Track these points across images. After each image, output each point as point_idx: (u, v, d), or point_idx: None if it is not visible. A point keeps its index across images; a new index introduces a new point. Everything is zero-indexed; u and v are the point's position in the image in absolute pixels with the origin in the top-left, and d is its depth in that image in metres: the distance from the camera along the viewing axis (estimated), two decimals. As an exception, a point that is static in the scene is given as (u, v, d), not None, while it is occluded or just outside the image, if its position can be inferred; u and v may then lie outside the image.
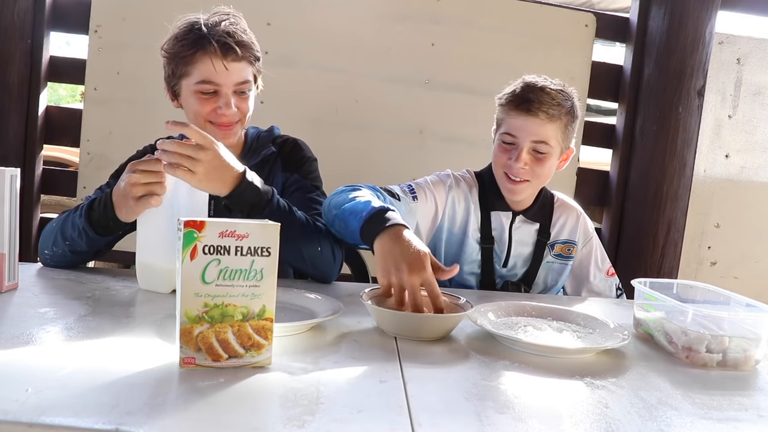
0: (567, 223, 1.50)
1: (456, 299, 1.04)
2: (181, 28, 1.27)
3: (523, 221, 1.46)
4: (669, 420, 0.71)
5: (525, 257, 1.47)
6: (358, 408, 0.66)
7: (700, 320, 0.95)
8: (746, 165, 2.40)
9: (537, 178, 1.38)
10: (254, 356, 0.75)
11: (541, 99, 1.32)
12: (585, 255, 1.53)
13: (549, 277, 1.49)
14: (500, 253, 1.46)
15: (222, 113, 1.27)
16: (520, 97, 1.35)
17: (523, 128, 1.34)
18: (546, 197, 1.50)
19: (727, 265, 2.43)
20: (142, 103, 2.13)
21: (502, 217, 1.46)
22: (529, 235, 1.47)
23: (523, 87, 1.36)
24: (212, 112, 1.27)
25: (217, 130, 1.28)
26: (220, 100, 1.27)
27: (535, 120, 1.33)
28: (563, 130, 1.36)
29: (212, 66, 1.23)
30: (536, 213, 1.47)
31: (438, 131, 2.26)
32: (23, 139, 2.11)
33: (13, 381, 0.65)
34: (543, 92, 1.33)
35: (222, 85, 1.26)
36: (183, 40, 1.25)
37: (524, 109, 1.33)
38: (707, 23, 2.17)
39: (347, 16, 2.17)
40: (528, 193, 1.42)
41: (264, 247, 0.74)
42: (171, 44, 1.27)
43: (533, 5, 2.26)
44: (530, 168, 1.36)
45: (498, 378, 0.80)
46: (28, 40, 2.06)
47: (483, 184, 1.47)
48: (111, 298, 1.03)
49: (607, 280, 1.53)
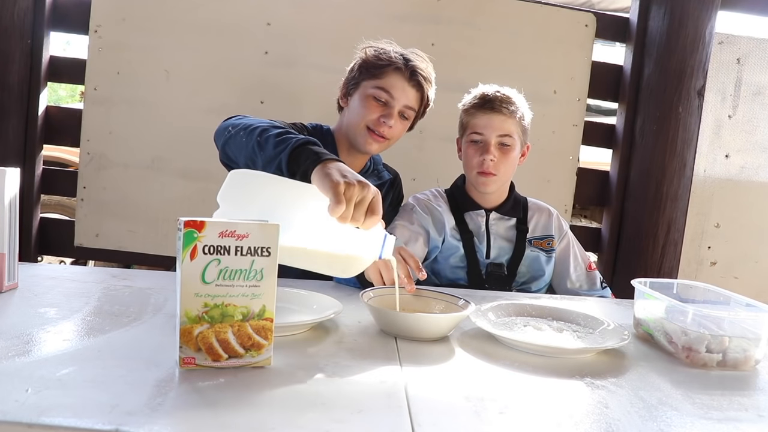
0: (541, 220, 1.63)
1: (456, 299, 1.04)
2: (381, 48, 1.47)
3: (499, 218, 1.57)
4: (669, 420, 0.71)
5: (506, 248, 1.56)
6: (358, 408, 0.66)
7: (700, 320, 0.95)
8: (746, 165, 2.40)
9: (505, 170, 1.52)
10: (254, 356, 0.75)
11: (500, 99, 1.51)
12: (563, 249, 1.61)
13: (534, 267, 1.56)
14: (481, 246, 1.54)
15: (383, 122, 1.43)
16: (482, 99, 1.52)
17: (489, 125, 1.50)
18: (518, 197, 1.62)
19: (727, 265, 2.43)
20: (142, 103, 2.13)
21: (476, 217, 1.57)
22: (507, 228, 1.57)
23: (482, 92, 1.54)
24: (376, 120, 1.44)
25: (369, 137, 1.45)
26: (386, 111, 1.44)
27: (499, 116, 1.49)
28: (520, 125, 1.53)
29: (395, 81, 1.44)
30: (510, 209, 1.58)
31: (438, 131, 2.25)
32: (23, 139, 2.11)
33: (13, 381, 0.65)
34: (498, 94, 1.52)
35: (395, 99, 1.44)
36: (382, 54, 1.45)
37: (489, 108, 1.50)
38: (707, 23, 2.17)
39: (347, 16, 2.17)
40: (497, 186, 1.55)
41: (264, 247, 0.74)
42: (371, 52, 1.47)
43: (533, 5, 2.25)
44: (497, 161, 1.50)
45: (498, 378, 0.80)
46: (28, 40, 2.06)
47: (452, 194, 1.62)
48: (111, 298, 1.03)
49: (588, 274, 1.61)
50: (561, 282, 1.61)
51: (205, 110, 2.12)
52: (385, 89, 1.43)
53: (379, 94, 1.44)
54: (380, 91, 1.44)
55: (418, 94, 1.47)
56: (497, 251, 1.55)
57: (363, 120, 1.45)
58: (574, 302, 1.33)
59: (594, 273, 1.61)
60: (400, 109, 1.45)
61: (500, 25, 2.24)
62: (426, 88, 1.48)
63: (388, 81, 1.44)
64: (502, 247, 1.55)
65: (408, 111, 1.48)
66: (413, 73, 1.44)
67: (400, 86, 1.44)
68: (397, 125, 1.47)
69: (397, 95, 1.44)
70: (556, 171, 2.29)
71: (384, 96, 1.44)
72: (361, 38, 1.47)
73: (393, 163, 1.68)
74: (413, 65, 1.45)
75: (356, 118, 1.46)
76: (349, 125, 1.49)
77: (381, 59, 1.44)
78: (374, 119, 1.44)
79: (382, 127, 1.44)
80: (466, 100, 1.58)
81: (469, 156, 1.53)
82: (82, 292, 1.04)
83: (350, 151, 1.53)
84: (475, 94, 1.56)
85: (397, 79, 1.44)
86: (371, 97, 1.44)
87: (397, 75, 1.44)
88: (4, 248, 0.99)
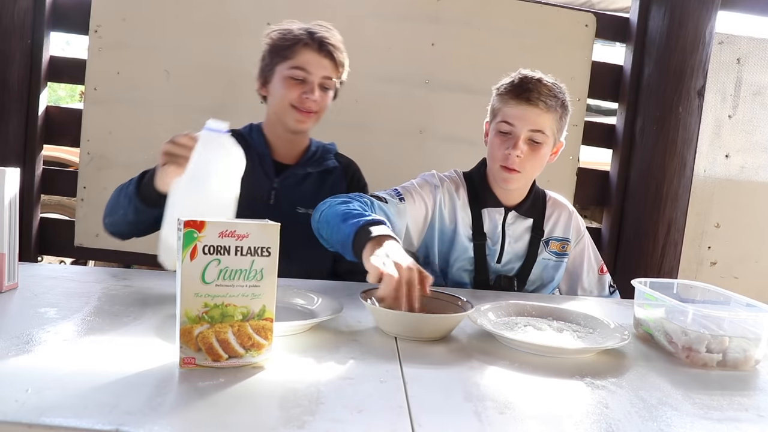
0: (560, 220, 1.52)
1: (456, 299, 1.04)
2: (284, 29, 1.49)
3: (516, 217, 1.48)
4: (669, 420, 0.71)
5: (519, 253, 1.48)
6: (358, 408, 0.66)
7: (700, 320, 0.95)
8: (746, 165, 2.40)
9: (531, 168, 1.41)
10: (254, 356, 0.75)
11: (539, 90, 1.36)
12: (578, 253, 1.54)
13: (544, 274, 1.50)
14: (494, 249, 1.46)
15: (306, 97, 1.44)
16: (519, 87, 1.38)
17: (521, 117, 1.37)
18: (538, 193, 1.52)
19: (727, 265, 2.43)
20: (142, 103, 2.12)
21: (495, 214, 1.47)
22: (522, 230, 1.48)
23: (521, 78, 1.39)
24: (298, 97, 1.45)
25: (297, 115, 1.46)
26: (306, 87, 1.45)
27: (534, 109, 1.36)
28: (558, 121, 1.40)
29: (307, 56, 1.44)
30: (529, 209, 1.49)
31: (438, 131, 2.25)
32: (23, 139, 2.11)
33: (13, 381, 0.65)
34: (541, 84, 1.37)
35: (312, 74, 1.44)
36: (287, 34, 1.46)
37: (524, 98, 1.36)
38: (707, 23, 2.17)
39: (347, 16, 2.17)
40: (521, 183, 1.44)
41: (264, 247, 0.74)
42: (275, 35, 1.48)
43: (533, 5, 2.25)
44: (524, 157, 1.37)
45: (498, 378, 0.80)
46: (28, 40, 2.06)
47: (472, 183, 1.49)
48: (111, 298, 1.03)
49: (600, 278, 1.55)
50: (572, 286, 1.55)
51: (205, 110, 2.11)
52: (299, 67, 1.45)
53: (295, 73, 1.45)
54: (296, 70, 1.45)
55: (332, 63, 1.48)
56: (509, 256, 1.46)
57: (286, 101, 1.46)
58: (574, 302, 1.33)
59: (605, 277, 1.55)
60: (319, 81, 1.46)
61: (500, 25, 2.24)
62: (337, 55, 1.48)
63: (300, 58, 1.45)
64: (516, 253, 1.47)
65: (327, 81, 1.48)
66: (321, 44, 1.45)
67: (314, 60, 1.45)
68: (322, 97, 1.48)
69: (313, 69, 1.45)
70: (556, 171, 2.28)
71: (300, 74, 1.45)
72: (361, 38, 1.48)
73: (393, 162, 1.69)
74: (319, 36, 1.46)
75: (280, 101, 1.47)
76: (276, 110, 1.50)
77: (287, 39, 1.46)
78: (297, 97, 1.45)
79: (307, 103, 1.45)
80: (502, 82, 1.44)
81: (495, 146, 1.41)
82: (82, 292, 1.04)
83: (286, 136, 1.53)
84: (513, 78, 1.41)
85: (308, 53, 1.45)
86: (288, 77, 1.45)
87: (307, 50, 1.45)
88: (4, 248, 0.99)
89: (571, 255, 1.53)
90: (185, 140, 1.10)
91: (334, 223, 1.19)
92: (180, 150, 1.09)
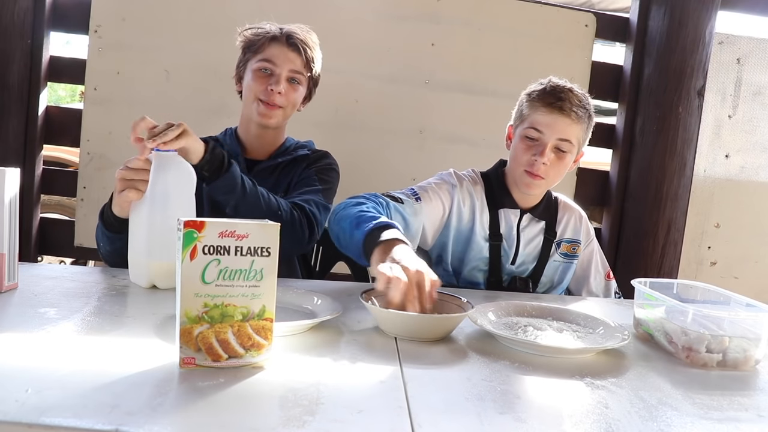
0: (570, 223, 1.53)
1: (456, 299, 1.04)
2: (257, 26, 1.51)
3: (530, 219, 1.49)
4: (669, 420, 0.71)
5: (533, 255, 1.49)
6: (358, 408, 0.66)
7: (700, 320, 0.95)
8: (746, 165, 2.40)
9: (554, 175, 1.42)
10: (254, 356, 0.75)
11: (571, 99, 1.37)
12: (586, 256, 1.55)
13: (555, 276, 1.51)
14: (509, 251, 1.47)
15: (272, 89, 1.44)
16: (551, 95, 1.38)
17: (551, 125, 1.37)
18: (550, 197, 1.53)
19: (727, 265, 2.43)
20: (142, 103, 2.12)
21: (510, 215, 1.48)
22: (535, 233, 1.50)
23: (553, 86, 1.40)
24: (264, 90, 1.45)
25: (262, 108, 1.46)
26: (272, 79, 1.45)
27: (565, 119, 1.37)
28: (585, 131, 1.42)
29: (275, 50, 1.46)
30: (543, 211, 1.50)
31: (438, 131, 2.25)
32: (23, 139, 2.11)
33: (13, 381, 0.65)
34: (572, 93, 1.39)
35: (279, 66, 1.46)
36: (258, 30, 1.50)
37: (557, 107, 1.37)
38: (707, 23, 2.17)
39: (347, 16, 2.17)
40: (542, 189, 1.47)
41: (264, 247, 0.74)
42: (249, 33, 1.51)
43: (533, 5, 2.26)
44: (550, 165, 1.39)
45: (498, 378, 0.80)
46: (28, 40, 2.06)
47: (489, 184, 1.50)
48: (111, 298, 1.03)
49: (606, 284, 1.56)
50: (579, 289, 1.56)
51: (205, 110, 2.12)
52: (266, 59, 1.46)
53: (263, 65, 1.46)
54: (263, 63, 1.46)
55: (300, 58, 1.48)
56: (524, 258, 1.48)
57: (253, 94, 1.47)
58: (574, 302, 1.33)
59: (611, 283, 1.56)
60: (287, 75, 1.47)
61: (500, 25, 2.24)
62: (306, 51, 1.49)
63: (268, 52, 1.47)
64: (529, 253, 1.48)
65: (296, 75, 1.49)
66: (289, 37, 1.47)
67: (281, 54, 1.46)
68: (289, 91, 1.48)
69: (279, 62, 1.46)
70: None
71: (268, 66, 1.46)
72: (361, 38, 1.48)
73: (393, 162, 1.69)
74: (288, 31, 1.48)
75: (248, 94, 1.48)
76: (246, 105, 1.51)
77: (258, 35, 1.49)
78: (263, 89, 1.46)
79: (273, 96, 1.45)
80: (533, 87, 1.44)
81: (520, 151, 1.41)
82: (82, 292, 1.04)
83: (257, 132, 1.52)
84: (545, 86, 1.41)
85: (276, 47, 1.47)
86: (257, 70, 1.47)
87: (275, 44, 1.47)
88: (4, 248, 0.99)
89: (579, 258, 1.54)
90: (140, 164, 1.11)
91: (348, 229, 1.19)
92: (137, 174, 1.10)
